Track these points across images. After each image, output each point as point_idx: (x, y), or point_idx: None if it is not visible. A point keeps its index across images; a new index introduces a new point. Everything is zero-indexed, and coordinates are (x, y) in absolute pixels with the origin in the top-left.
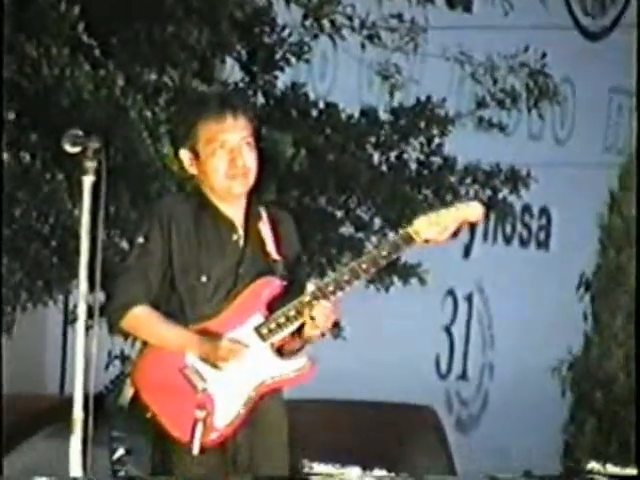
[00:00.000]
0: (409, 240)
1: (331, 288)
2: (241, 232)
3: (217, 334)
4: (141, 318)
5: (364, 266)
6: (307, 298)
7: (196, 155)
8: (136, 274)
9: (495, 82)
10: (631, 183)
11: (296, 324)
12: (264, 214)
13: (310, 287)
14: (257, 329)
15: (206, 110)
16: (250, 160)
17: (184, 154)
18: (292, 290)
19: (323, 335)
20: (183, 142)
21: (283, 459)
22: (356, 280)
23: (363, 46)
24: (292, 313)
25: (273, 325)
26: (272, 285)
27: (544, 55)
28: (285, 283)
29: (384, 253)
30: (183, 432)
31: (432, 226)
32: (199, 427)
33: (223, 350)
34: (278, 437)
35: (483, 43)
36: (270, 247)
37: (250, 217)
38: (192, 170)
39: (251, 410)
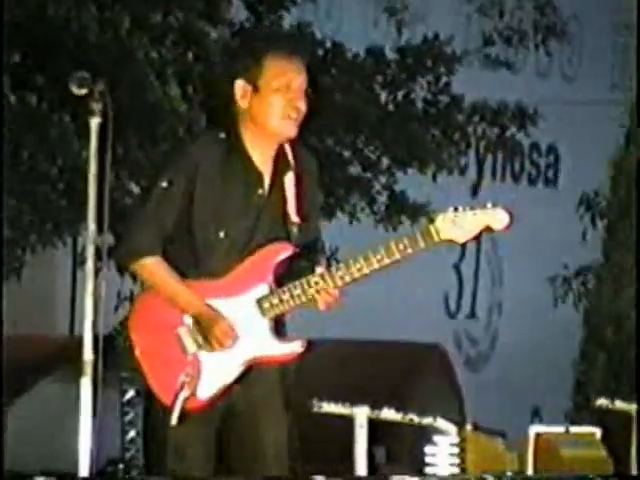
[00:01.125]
0: (429, 237)
1: (340, 273)
2: (267, 185)
3: (220, 295)
4: (151, 270)
5: (378, 256)
6: (314, 279)
7: (255, 88)
8: (153, 221)
9: (502, 15)
10: None
11: (298, 302)
12: (292, 162)
13: (319, 270)
14: (259, 301)
15: (278, 46)
16: (304, 106)
17: (240, 85)
18: (305, 257)
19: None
20: (242, 73)
21: (280, 407)
22: (368, 269)
23: None
24: (297, 292)
25: (276, 300)
26: (285, 251)
27: None
28: (298, 250)
29: (401, 246)
30: (165, 393)
31: (454, 227)
32: (182, 395)
33: (218, 331)
34: (273, 387)
35: None
36: (291, 207)
37: (279, 167)
38: (243, 103)
39: (237, 381)
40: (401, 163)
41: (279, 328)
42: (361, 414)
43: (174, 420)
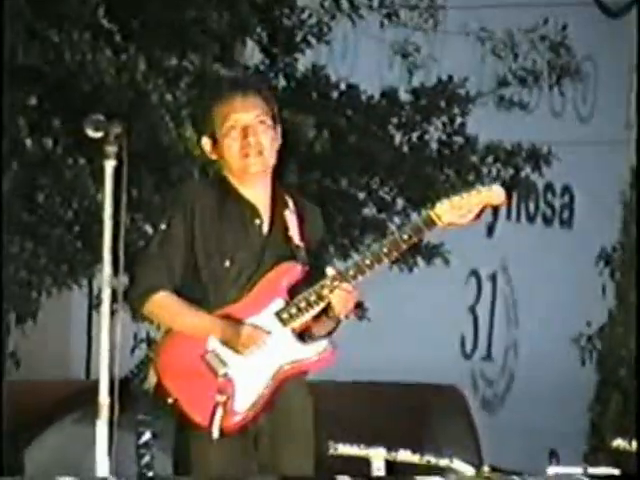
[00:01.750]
0: (431, 223)
1: (352, 272)
2: (264, 217)
3: (239, 319)
4: (163, 304)
5: (385, 250)
6: (327, 282)
7: (214, 140)
8: (158, 260)
9: (516, 57)
10: None
11: (317, 309)
12: (291, 202)
13: (330, 271)
14: (278, 314)
15: (218, 94)
16: (265, 138)
17: (205, 141)
18: (313, 275)
19: (346, 317)
20: (204, 129)
21: (307, 443)
22: (378, 264)
23: (382, 25)
24: (313, 298)
25: (294, 310)
26: (293, 270)
27: (564, 27)
28: (307, 269)
29: (405, 236)
30: (203, 417)
31: (454, 209)
32: (219, 411)
33: (244, 336)
34: (301, 421)
35: (502, 19)
36: (293, 232)
37: (276, 202)
38: (213, 156)
39: (273, 394)
40: (416, 204)
41: (304, 338)
42: (377, 456)
43: (215, 432)
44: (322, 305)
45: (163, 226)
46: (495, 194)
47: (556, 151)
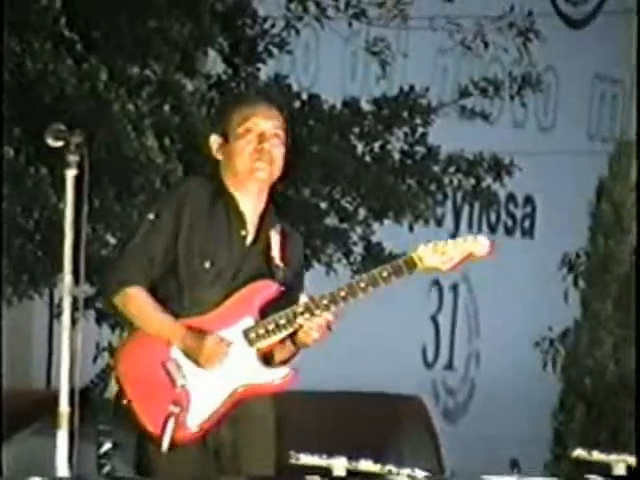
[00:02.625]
0: (412, 265)
1: (325, 302)
2: (251, 229)
3: (206, 331)
4: (134, 299)
5: (362, 284)
6: (300, 309)
7: (225, 139)
8: (140, 251)
9: (486, 46)
10: (621, 170)
11: (284, 333)
12: (278, 224)
13: (303, 298)
14: (245, 332)
15: (242, 98)
16: (277, 151)
17: (214, 139)
18: (288, 297)
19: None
20: (215, 128)
21: (268, 453)
22: (352, 297)
23: (350, 24)
24: (282, 322)
25: (262, 331)
26: (269, 289)
27: (530, 13)
28: (282, 289)
29: (385, 274)
30: (155, 426)
31: (437, 255)
32: (170, 422)
33: (207, 348)
34: (262, 431)
35: (470, 11)
36: (275, 252)
37: (265, 220)
38: (218, 155)
39: (228, 410)
40: (378, 214)
41: (268, 360)
42: (339, 466)
43: (165, 445)
44: (290, 330)
45: (151, 216)
46: (480, 245)
47: (518, 161)
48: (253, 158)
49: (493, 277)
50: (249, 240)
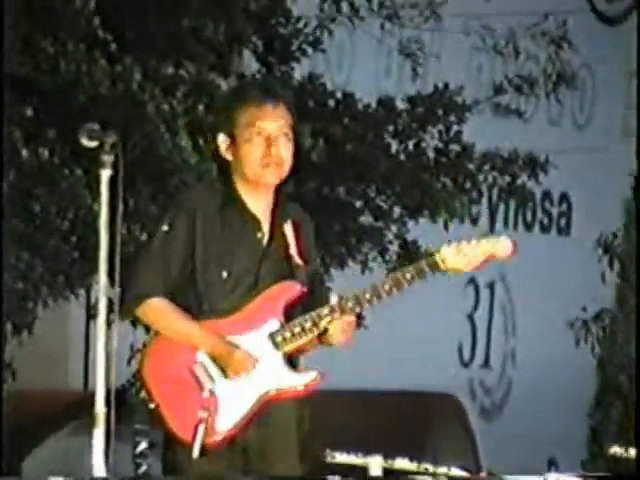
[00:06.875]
0: (435, 266)
1: (350, 304)
2: (265, 229)
3: (229, 334)
4: (157, 310)
5: (386, 287)
6: (325, 311)
7: (233, 139)
8: (157, 263)
9: (517, 54)
10: None
11: (310, 336)
12: (289, 215)
13: (333, 299)
14: (272, 336)
15: (247, 95)
16: (285, 151)
17: (221, 139)
18: (311, 297)
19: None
20: (221, 126)
21: (292, 452)
22: (377, 299)
23: (382, 27)
24: (308, 325)
25: (288, 334)
26: (292, 290)
27: (565, 22)
28: (305, 289)
29: (408, 276)
30: (185, 431)
31: (459, 256)
32: (201, 429)
33: (236, 361)
34: (289, 433)
35: (503, 18)
36: (293, 250)
37: (277, 215)
38: (227, 156)
39: (256, 414)
40: (413, 212)
41: (294, 363)
42: (375, 464)
43: (196, 452)
44: (316, 333)
45: (165, 227)
46: (502, 246)
47: (553, 159)
48: (262, 164)
49: (530, 275)
50: (265, 241)
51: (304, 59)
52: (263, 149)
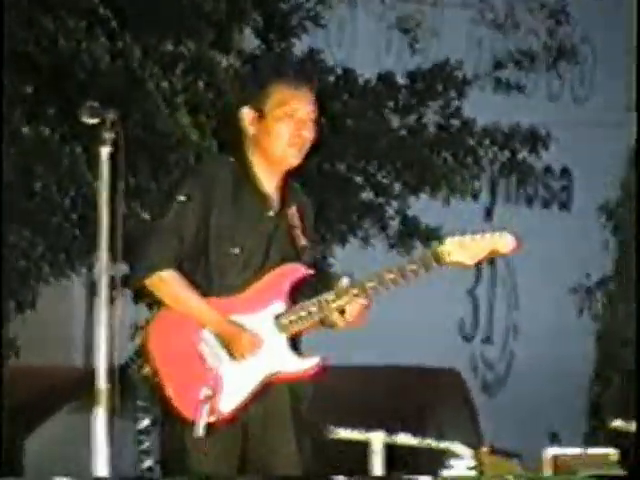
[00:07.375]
0: (439, 259)
1: (355, 291)
2: (276, 208)
3: (237, 312)
4: (167, 282)
5: (391, 275)
6: (331, 296)
7: (261, 115)
8: (171, 234)
9: (517, 28)
10: None
11: (315, 319)
12: (294, 201)
13: (344, 281)
14: (277, 318)
15: (285, 73)
16: (310, 136)
17: (247, 112)
18: (316, 279)
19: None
20: (250, 100)
21: (296, 431)
22: (382, 288)
23: (383, 1)
24: (314, 309)
25: (294, 317)
26: (297, 272)
27: None
28: (310, 272)
29: (413, 267)
30: (188, 408)
31: (463, 250)
32: (205, 408)
33: (243, 343)
34: (289, 407)
35: None
36: (298, 232)
37: (286, 196)
38: (250, 130)
39: (262, 390)
40: (413, 188)
41: (296, 346)
42: (377, 440)
43: (200, 430)
44: (321, 316)
45: (182, 197)
46: (504, 242)
47: (554, 133)
48: (290, 144)
49: (531, 250)
50: (275, 221)
51: (304, 35)
52: (293, 130)
